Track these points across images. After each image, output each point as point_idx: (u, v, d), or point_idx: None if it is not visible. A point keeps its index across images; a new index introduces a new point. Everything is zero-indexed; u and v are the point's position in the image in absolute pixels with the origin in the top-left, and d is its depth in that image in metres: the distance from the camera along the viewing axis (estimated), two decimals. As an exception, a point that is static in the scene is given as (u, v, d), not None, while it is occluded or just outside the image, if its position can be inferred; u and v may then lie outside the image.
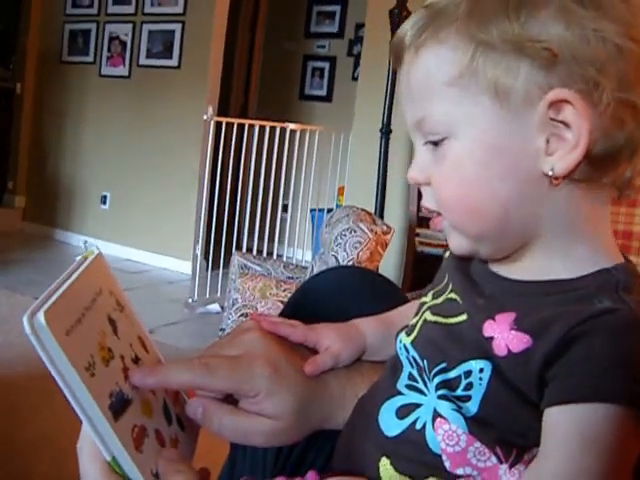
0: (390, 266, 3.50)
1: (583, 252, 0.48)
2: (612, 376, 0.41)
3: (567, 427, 0.43)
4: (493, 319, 0.47)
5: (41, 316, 0.44)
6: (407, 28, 0.51)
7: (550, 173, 0.46)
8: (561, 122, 0.46)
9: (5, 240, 4.69)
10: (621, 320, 0.43)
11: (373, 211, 3.09)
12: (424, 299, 0.58)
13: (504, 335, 0.46)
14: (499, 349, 0.46)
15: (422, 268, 3.20)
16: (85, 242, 5.06)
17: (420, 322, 0.55)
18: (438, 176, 0.51)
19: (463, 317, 0.51)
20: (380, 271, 2.61)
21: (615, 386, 0.41)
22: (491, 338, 0.47)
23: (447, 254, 0.59)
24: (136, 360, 0.55)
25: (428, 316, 0.55)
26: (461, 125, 0.48)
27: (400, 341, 0.56)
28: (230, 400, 0.59)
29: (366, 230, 2.38)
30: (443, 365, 0.50)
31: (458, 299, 0.53)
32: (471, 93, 0.48)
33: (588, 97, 0.45)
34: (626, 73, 0.45)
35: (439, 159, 0.50)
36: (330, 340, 0.63)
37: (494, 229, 0.49)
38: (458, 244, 0.52)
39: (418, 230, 3.37)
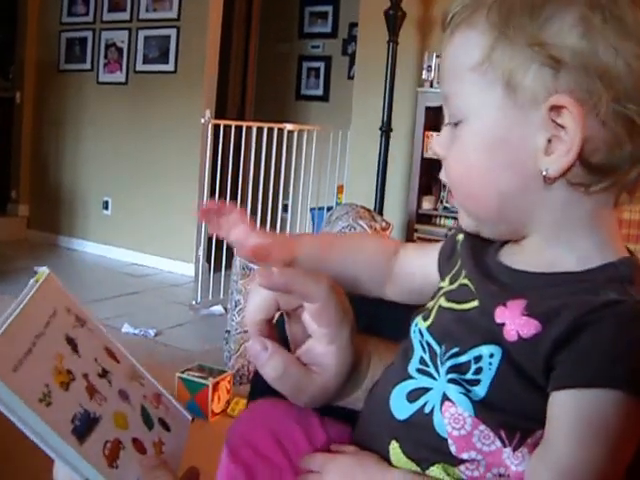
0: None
1: (588, 246, 0.50)
2: (618, 363, 0.43)
3: (572, 411, 0.44)
4: (504, 305, 0.49)
5: None
6: (452, 8, 0.52)
7: (544, 173, 0.49)
8: (561, 125, 0.48)
9: (11, 249, 4.69)
10: (627, 311, 0.44)
11: (373, 208, 3.11)
12: (441, 284, 0.59)
13: (515, 321, 0.47)
14: (509, 335, 0.47)
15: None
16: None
17: (436, 308, 0.56)
18: (449, 156, 0.53)
19: (475, 303, 0.52)
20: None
21: (620, 373, 0.43)
22: (502, 324, 0.48)
23: (460, 237, 0.61)
24: (104, 374, 0.54)
25: (443, 302, 0.56)
26: (474, 111, 0.50)
27: (416, 325, 0.57)
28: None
29: (365, 227, 2.37)
30: (456, 349, 0.51)
31: (470, 285, 0.54)
32: (487, 81, 0.49)
33: (587, 106, 0.46)
34: (630, 90, 0.46)
35: (454, 140, 0.53)
36: None
37: (490, 214, 0.52)
38: (464, 221, 0.56)
39: (417, 226, 3.41)
